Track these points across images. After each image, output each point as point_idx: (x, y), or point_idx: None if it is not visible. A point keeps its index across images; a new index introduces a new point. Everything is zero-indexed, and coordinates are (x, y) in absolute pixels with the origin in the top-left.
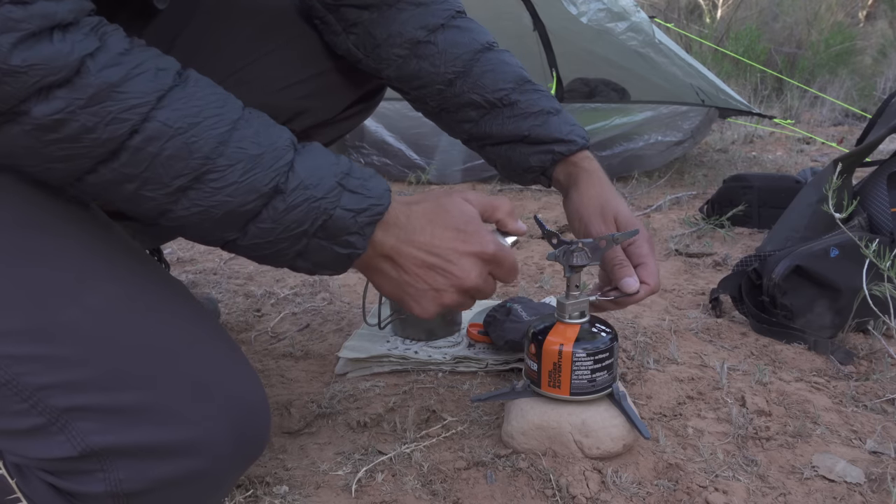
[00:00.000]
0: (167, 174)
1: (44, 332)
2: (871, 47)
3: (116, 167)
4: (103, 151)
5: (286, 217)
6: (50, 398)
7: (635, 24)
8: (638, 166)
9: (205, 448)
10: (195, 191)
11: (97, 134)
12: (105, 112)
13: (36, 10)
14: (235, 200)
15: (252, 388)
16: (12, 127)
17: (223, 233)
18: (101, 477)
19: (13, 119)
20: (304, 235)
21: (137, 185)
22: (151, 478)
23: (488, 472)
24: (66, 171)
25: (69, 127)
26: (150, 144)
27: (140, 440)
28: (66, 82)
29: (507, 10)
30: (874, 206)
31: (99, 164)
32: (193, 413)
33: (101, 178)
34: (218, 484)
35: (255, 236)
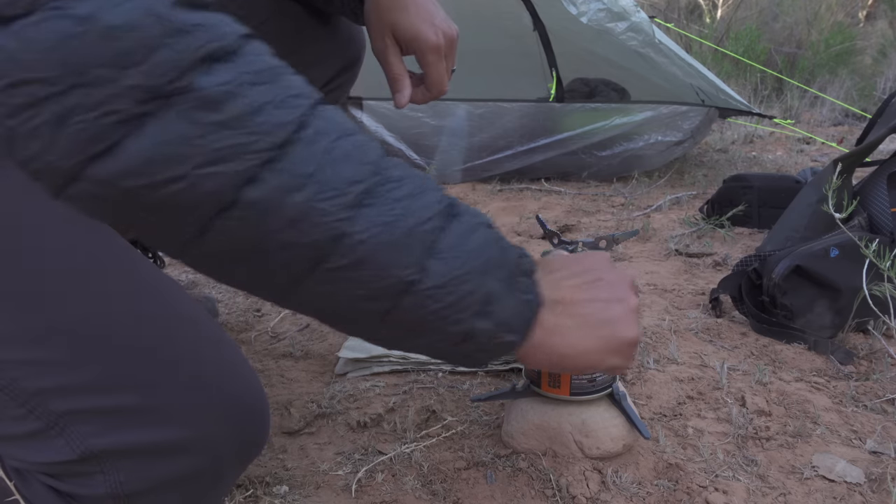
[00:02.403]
0: (343, 177)
1: (39, 335)
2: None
3: (285, 166)
4: (270, 143)
5: (468, 242)
6: (48, 402)
7: (635, 24)
8: (638, 166)
9: (205, 447)
10: (369, 207)
11: (264, 117)
12: (273, 93)
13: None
14: (422, 212)
15: (251, 386)
16: (167, 113)
17: (402, 268)
18: (101, 479)
19: (169, 100)
20: (496, 267)
21: (311, 192)
22: (152, 478)
23: (488, 472)
24: (224, 178)
25: (235, 104)
26: (321, 138)
27: (140, 441)
28: (229, 56)
29: (507, 10)
30: (874, 206)
31: (265, 164)
32: (193, 412)
33: (261, 189)
34: (218, 482)
35: (439, 274)
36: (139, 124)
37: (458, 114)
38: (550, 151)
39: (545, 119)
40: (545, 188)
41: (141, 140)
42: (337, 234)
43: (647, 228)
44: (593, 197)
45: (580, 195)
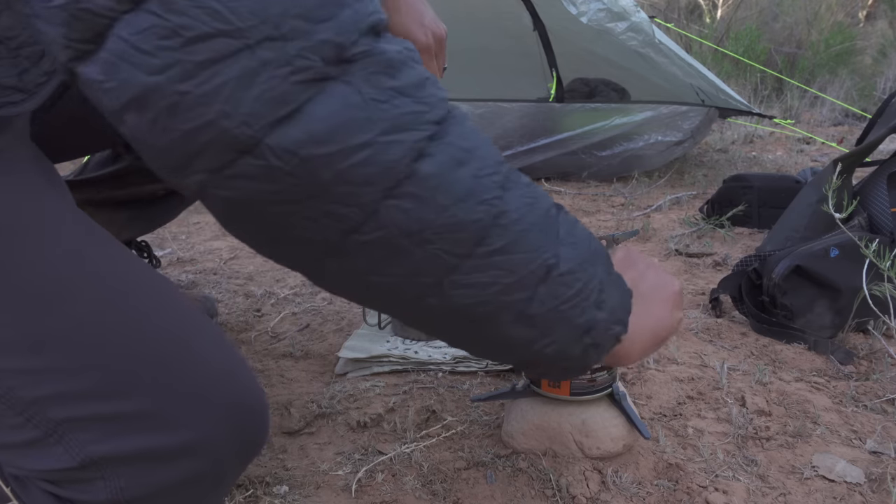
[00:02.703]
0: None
1: (34, 343)
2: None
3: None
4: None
5: (579, 230)
6: (45, 410)
7: (635, 24)
8: (638, 166)
9: (205, 450)
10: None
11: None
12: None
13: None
14: (543, 200)
15: (249, 387)
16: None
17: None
18: (101, 485)
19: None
20: (599, 257)
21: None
22: (152, 483)
23: (488, 472)
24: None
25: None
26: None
27: (139, 447)
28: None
29: (507, 10)
30: (874, 206)
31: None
32: (192, 416)
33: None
34: (218, 484)
35: (569, 259)
36: (323, 87)
37: None
38: (550, 151)
39: (545, 119)
40: (545, 188)
41: (327, 103)
42: (497, 211)
43: (647, 228)
44: (593, 197)
45: (580, 195)
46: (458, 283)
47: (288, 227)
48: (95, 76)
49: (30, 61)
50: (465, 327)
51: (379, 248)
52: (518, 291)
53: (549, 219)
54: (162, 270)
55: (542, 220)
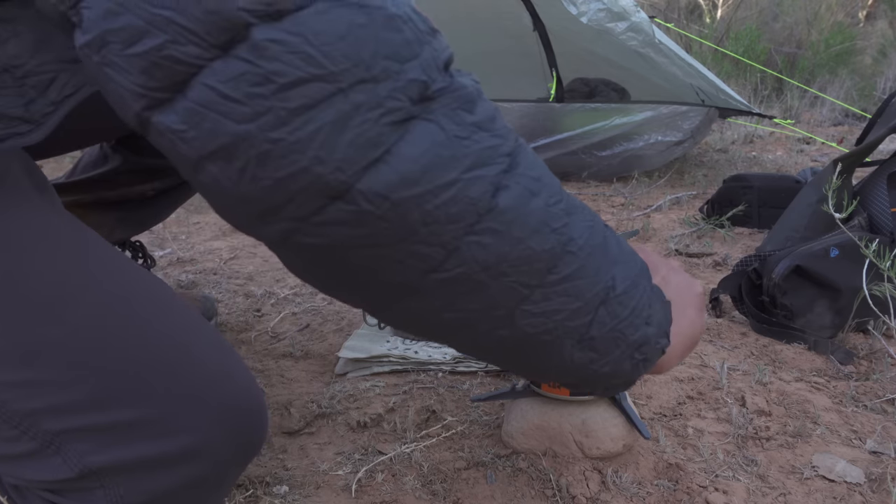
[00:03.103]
0: (556, 183)
1: (27, 354)
2: (871, 47)
3: (523, 171)
4: (510, 148)
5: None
6: (41, 423)
7: (635, 24)
8: (638, 166)
9: (204, 454)
10: (574, 215)
11: (500, 122)
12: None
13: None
14: (598, 221)
15: (247, 387)
16: (434, 112)
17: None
18: (101, 494)
19: (434, 100)
20: (643, 273)
21: (544, 199)
22: (152, 489)
23: (488, 472)
24: (485, 183)
25: (482, 106)
26: (528, 149)
27: (138, 455)
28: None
29: (507, 10)
30: (874, 206)
31: (507, 170)
32: (190, 421)
33: (513, 193)
34: (218, 487)
35: (623, 279)
36: (410, 126)
37: None
38: (550, 151)
39: (545, 119)
40: None
41: (415, 143)
42: (566, 239)
43: (647, 228)
44: (593, 197)
45: (580, 195)
46: (528, 313)
47: (371, 270)
48: (175, 125)
49: (36, 91)
50: (529, 355)
51: (456, 285)
52: (582, 316)
53: (605, 239)
54: (162, 270)
55: (601, 242)
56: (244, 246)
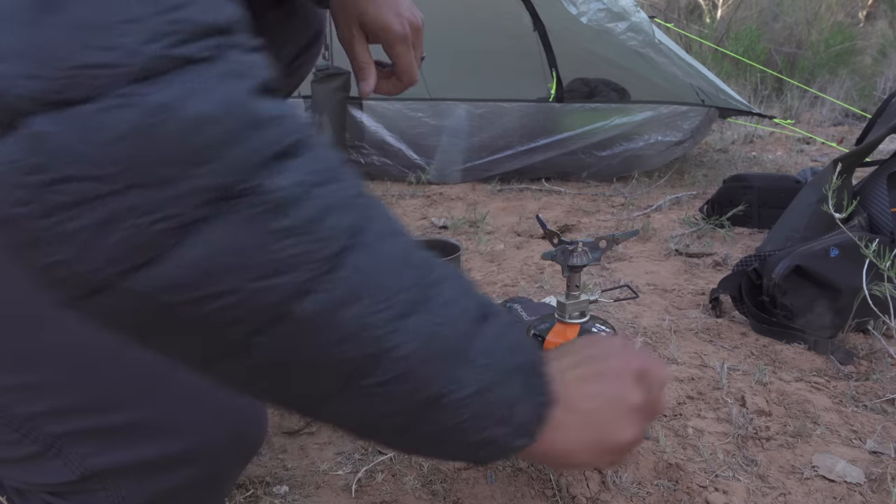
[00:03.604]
0: (393, 286)
1: (27, 358)
2: (871, 47)
3: (344, 275)
4: (333, 250)
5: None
6: (42, 426)
7: (635, 24)
8: (638, 166)
9: (204, 455)
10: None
11: (330, 222)
12: (338, 193)
13: (259, 61)
14: (458, 324)
15: None
16: (230, 217)
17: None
18: (103, 496)
19: (234, 202)
20: (519, 371)
21: (364, 306)
22: (153, 491)
23: (488, 472)
24: (281, 292)
25: (305, 208)
26: (377, 242)
27: (139, 457)
28: (297, 153)
29: (507, 10)
30: (874, 206)
31: (324, 273)
32: (190, 422)
33: (322, 300)
34: (219, 487)
35: (470, 384)
36: (194, 230)
37: (458, 114)
38: (550, 151)
39: (545, 119)
40: (545, 188)
41: (193, 248)
42: (386, 347)
43: (647, 228)
44: (593, 197)
45: (580, 195)
46: (335, 408)
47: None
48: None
49: None
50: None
51: (246, 374)
52: (400, 417)
53: (454, 345)
54: None
55: (441, 349)
56: None
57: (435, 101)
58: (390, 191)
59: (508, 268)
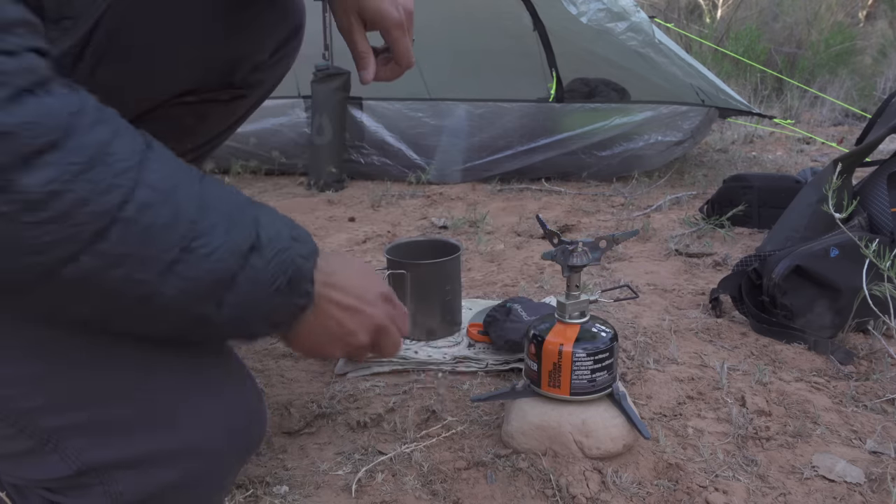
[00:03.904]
0: (159, 246)
1: (23, 353)
2: (871, 47)
3: (105, 248)
4: (93, 230)
5: (263, 275)
6: (38, 420)
7: (635, 24)
8: (638, 166)
9: (202, 452)
10: (183, 263)
11: (91, 206)
12: (99, 178)
13: (24, 62)
14: (221, 266)
15: (244, 385)
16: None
17: (201, 308)
18: (100, 490)
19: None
20: (276, 293)
21: (128, 269)
22: (151, 486)
23: (488, 472)
24: (39, 266)
25: (62, 201)
26: (143, 214)
27: (136, 451)
28: (56, 145)
29: (507, 10)
30: (874, 206)
31: (84, 248)
32: (188, 418)
33: (80, 269)
34: (217, 485)
35: (231, 306)
36: None
37: (458, 114)
38: (550, 151)
39: (545, 119)
40: (545, 188)
41: None
42: (148, 295)
43: (647, 228)
44: (593, 197)
45: (580, 195)
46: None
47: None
48: None
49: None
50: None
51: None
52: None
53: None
54: None
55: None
56: None
57: (435, 101)
58: (390, 191)
59: (508, 268)
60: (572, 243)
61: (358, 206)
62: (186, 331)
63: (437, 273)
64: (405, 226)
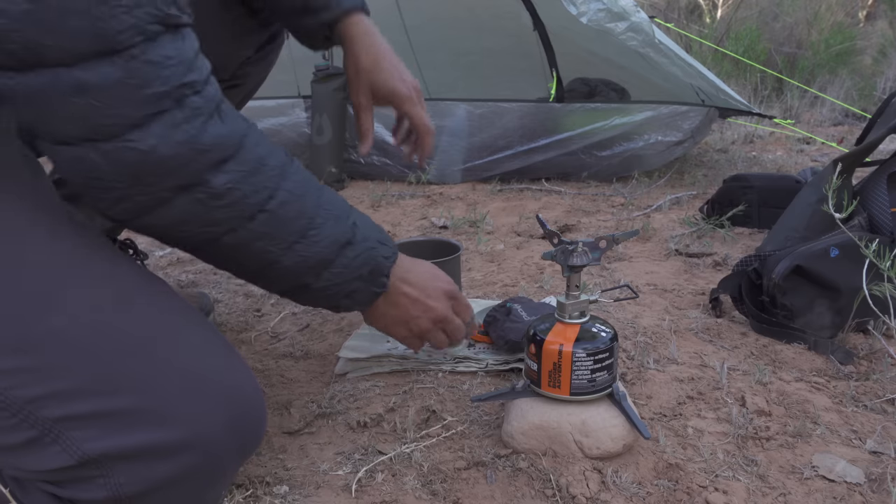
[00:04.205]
0: (287, 231)
1: (28, 343)
2: (871, 47)
3: (253, 227)
4: (248, 214)
5: (353, 263)
6: (40, 410)
7: (635, 24)
8: (638, 166)
9: (202, 445)
10: (300, 244)
11: (250, 199)
12: (257, 181)
13: (208, 95)
14: (325, 251)
15: (244, 380)
16: (185, 196)
17: (305, 278)
18: (101, 482)
19: (189, 189)
20: (358, 279)
21: (265, 243)
22: (151, 479)
23: (488, 472)
24: (211, 233)
25: (234, 194)
26: (281, 208)
27: (137, 443)
28: (232, 157)
29: (507, 10)
30: (874, 206)
31: (240, 225)
32: (188, 411)
33: (235, 238)
34: (217, 479)
35: (327, 279)
36: (168, 204)
37: (458, 114)
38: (550, 151)
39: (545, 119)
40: (545, 188)
41: (172, 210)
42: (273, 261)
43: (647, 228)
44: (593, 197)
45: (580, 195)
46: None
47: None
48: None
49: None
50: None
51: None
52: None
53: (324, 257)
54: (162, 270)
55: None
56: None
57: (435, 101)
58: (390, 191)
59: (508, 268)
60: (572, 243)
61: (358, 206)
62: (291, 291)
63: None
64: (405, 226)
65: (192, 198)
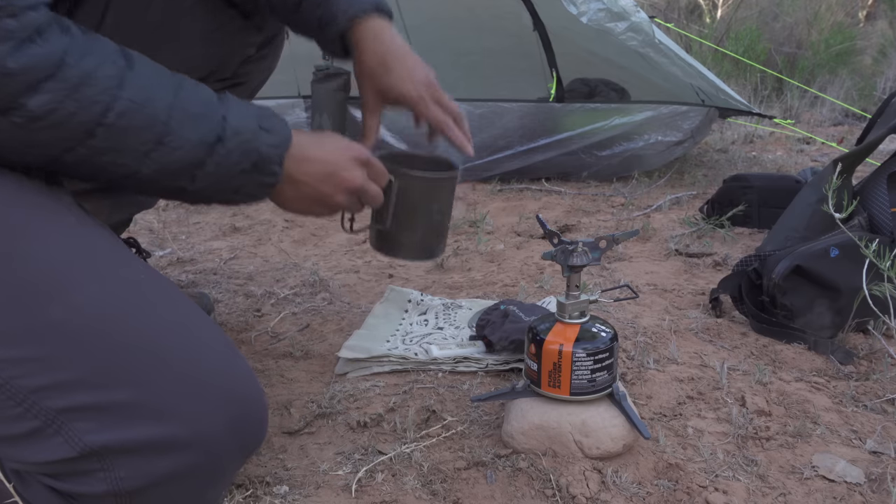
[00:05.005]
0: (138, 142)
1: (34, 333)
2: (871, 47)
3: (94, 143)
4: (83, 131)
5: (227, 160)
6: (44, 400)
7: (635, 24)
8: (638, 166)
9: (203, 441)
10: (157, 152)
11: (79, 117)
12: (83, 97)
13: (25, 20)
14: (189, 154)
15: (245, 378)
16: (3, 121)
17: (177, 182)
18: (101, 476)
19: (5, 113)
20: (241, 174)
21: (112, 156)
22: (152, 474)
23: (488, 472)
24: (45, 154)
25: (57, 114)
26: (121, 119)
27: (138, 437)
28: (51, 76)
29: (507, 10)
30: (874, 206)
31: (79, 142)
32: (189, 406)
33: (77, 155)
34: (218, 476)
35: (203, 181)
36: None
37: None
38: (550, 151)
39: (545, 119)
40: (545, 188)
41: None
42: (131, 173)
43: (647, 228)
44: (593, 197)
45: (580, 195)
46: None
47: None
48: None
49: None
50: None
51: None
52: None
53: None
54: (162, 270)
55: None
56: (244, 246)
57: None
58: None
59: (508, 268)
60: (572, 243)
61: None
62: (172, 195)
63: (427, 188)
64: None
65: (10, 122)
